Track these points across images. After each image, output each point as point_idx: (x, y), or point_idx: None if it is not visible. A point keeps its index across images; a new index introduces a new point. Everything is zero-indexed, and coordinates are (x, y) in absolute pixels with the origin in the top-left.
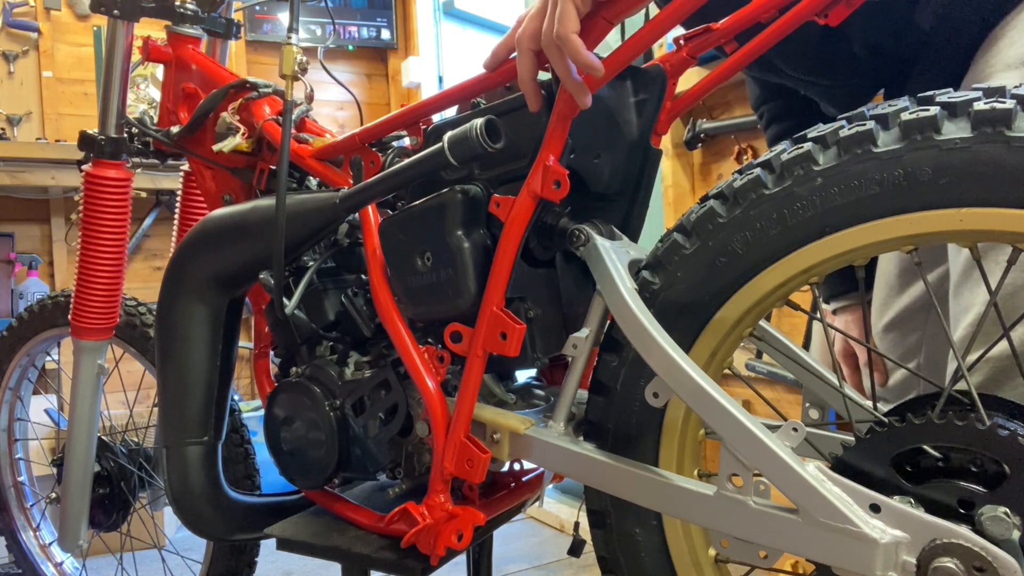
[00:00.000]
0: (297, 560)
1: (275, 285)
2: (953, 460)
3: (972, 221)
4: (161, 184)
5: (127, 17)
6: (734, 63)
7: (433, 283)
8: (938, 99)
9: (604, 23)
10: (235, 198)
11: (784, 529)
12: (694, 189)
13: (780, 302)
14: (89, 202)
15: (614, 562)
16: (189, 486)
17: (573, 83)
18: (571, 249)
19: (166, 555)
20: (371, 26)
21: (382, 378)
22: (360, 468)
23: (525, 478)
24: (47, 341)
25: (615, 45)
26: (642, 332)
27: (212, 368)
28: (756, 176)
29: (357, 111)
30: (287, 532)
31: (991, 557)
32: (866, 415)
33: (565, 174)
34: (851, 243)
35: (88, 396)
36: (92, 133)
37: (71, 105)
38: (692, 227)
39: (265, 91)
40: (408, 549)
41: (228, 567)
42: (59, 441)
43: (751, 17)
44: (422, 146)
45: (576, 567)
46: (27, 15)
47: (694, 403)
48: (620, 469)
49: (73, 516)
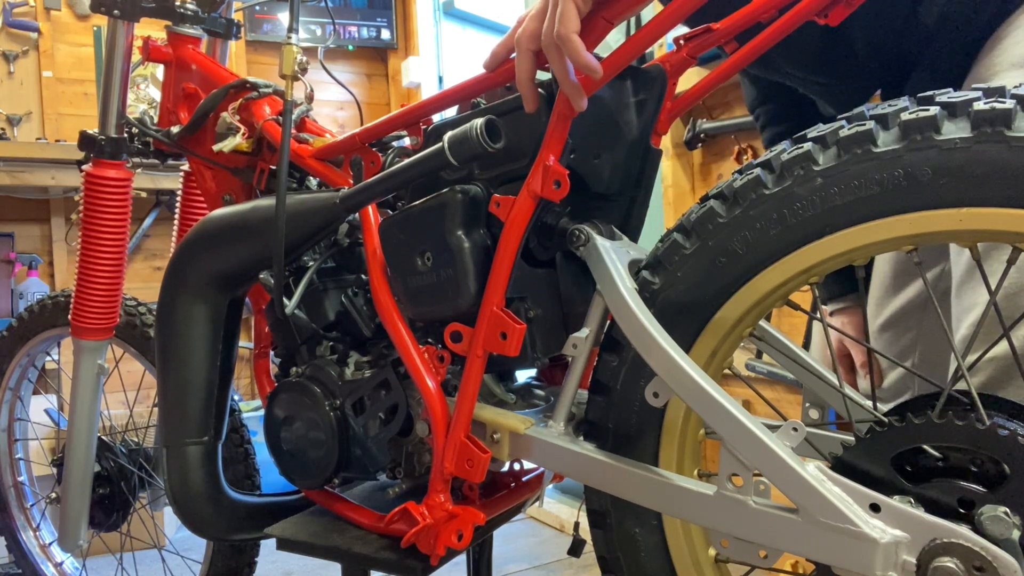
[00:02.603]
0: (297, 560)
1: (275, 285)
2: (953, 460)
3: (972, 221)
4: (161, 184)
5: (127, 17)
6: (734, 63)
7: (433, 283)
8: (938, 99)
9: (604, 23)
10: (235, 198)
11: (784, 529)
12: (694, 189)
13: (780, 302)
14: (89, 202)
15: (614, 562)
16: (189, 486)
17: (570, 85)
18: (571, 249)
19: (166, 555)
20: (371, 26)
21: (382, 378)
22: (360, 468)
23: (525, 478)
24: (47, 341)
25: (615, 45)
26: (642, 332)
27: (212, 368)
28: (756, 176)
29: (357, 111)
30: (287, 532)
31: (991, 557)
32: (866, 415)
33: (565, 174)
34: (851, 243)
35: (88, 396)
36: (92, 133)
37: (71, 105)
38: (692, 227)
39: (265, 91)
40: (408, 549)
41: (228, 567)
42: (59, 441)
43: (751, 17)
44: (422, 146)
45: (576, 567)
46: (27, 15)
47: (694, 403)
48: (620, 469)
49: (73, 516)
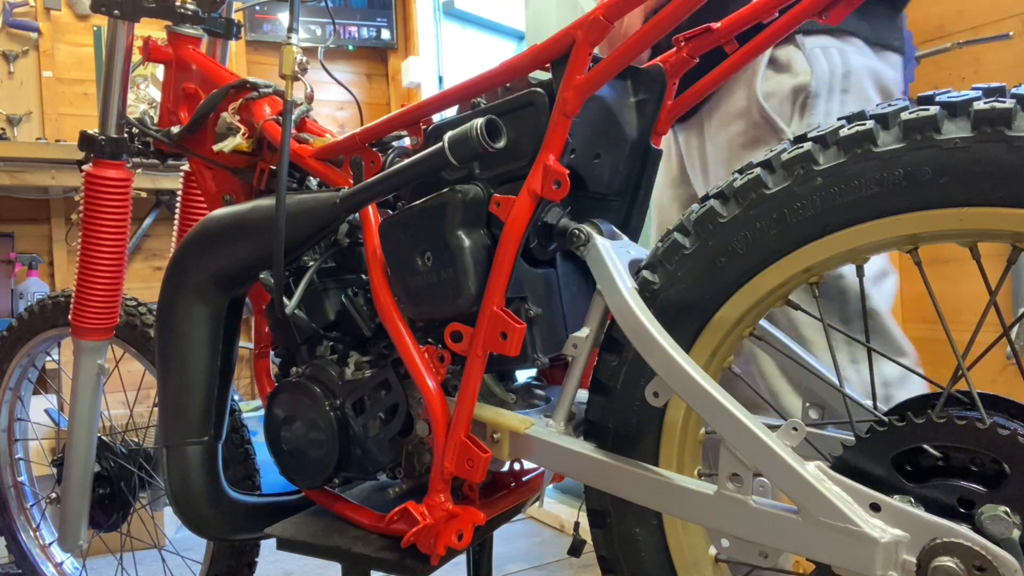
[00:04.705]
0: (297, 560)
1: (275, 285)
2: (953, 459)
3: (972, 221)
4: (161, 184)
5: (127, 17)
6: (734, 63)
7: (433, 283)
8: (938, 99)
9: (604, 23)
10: (235, 198)
11: (784, 528)
12: None
13: (780, 302)
14: (89, 202)
15: (614, 562)
16: (189, 486)
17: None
18: (571, 249)
19: (166, 555)
20: (371, 26)
21: (382, 378)
22: (360, 468)
23: (525, 478)
24: (47, 341)
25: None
26: (642, 332)
27: (212, 368)
28: (756, 176)
29: (357, 111)
30: (287, 532)
31: (991, 556)
32: (866, 414)
33: (565, 174)
34: (851, 243)
35: (88, 396)
36: (92, 133)
37: (71, 105)
38: (692, 227)
39: (265, 91)
40: (408, 549)
41: (228, 567)
42: (59, 441)
43: (751, 17)
44: (422, 146)
45: (576, 567)
46: (27, 15)
47: (694, 402)
48: (620, 468)
49: (73, 516)
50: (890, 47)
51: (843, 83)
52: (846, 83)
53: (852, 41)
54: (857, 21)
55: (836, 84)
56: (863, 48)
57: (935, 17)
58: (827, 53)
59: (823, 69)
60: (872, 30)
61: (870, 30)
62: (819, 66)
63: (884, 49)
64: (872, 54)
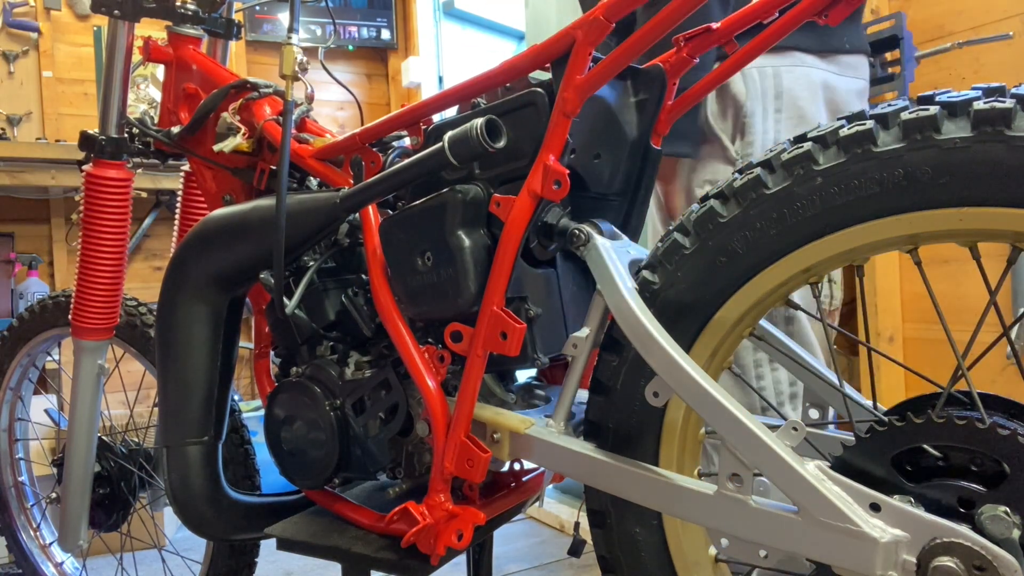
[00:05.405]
0: (297, 560)
1: (275, 285)
2: (953, 459)
3: (972, 221)
4: (161, 184)
5: (128, 17)
6: (734, 63)
7: (434, 283)
8: (938, 99)
9: (604, 23)
10: (235, 198)
11: (784, 528)
12: None
13: (780, 302)
14: (90, 202)
15: (614, 562)
16: (189, 486)
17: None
18: (571, 249)
19: (166, 555)
20: (371, 26)
21: (382, 378)
22: (360, 468)
23: (525, 478)
24: (47, 341)
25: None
26: (642, 332)
27: (212, 368)
28: (756, 176)
29: (357, 111)
30: (287, 532)
31: (991, 556)
32: (866, 414)
33: (565, 174)
34: (851, 242)
35: (88, 396)
36: (93, 133)
37: (71, 105)
38: (692, 227)
39: (265, 91)
40: (408, 549)
41: (228, 567)
42: (59, 441)
43: (751, 17)
44: (422, 146)
45: (576, 567)
46: (27, 15)
47: (694, 402)
48: (620, 468)
49: (73, 516)
50: (842, 50)
51: (776, 103)
52: (778, 103)
53: (792, 56)
54: (798, 33)
55: (769, 105)
56: (808, 60)
57: (935, 17)
58: (762, 74)
59: (756, 90)
60: (818, 38)
61: (815, 39)
62: (753, 87)
63: (835, 54)
64: (820, 63)
